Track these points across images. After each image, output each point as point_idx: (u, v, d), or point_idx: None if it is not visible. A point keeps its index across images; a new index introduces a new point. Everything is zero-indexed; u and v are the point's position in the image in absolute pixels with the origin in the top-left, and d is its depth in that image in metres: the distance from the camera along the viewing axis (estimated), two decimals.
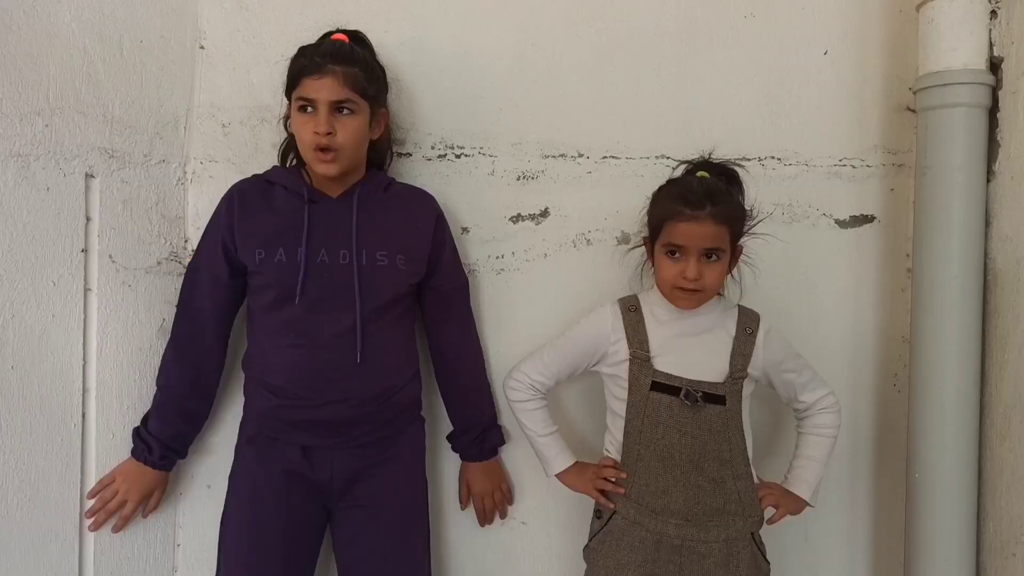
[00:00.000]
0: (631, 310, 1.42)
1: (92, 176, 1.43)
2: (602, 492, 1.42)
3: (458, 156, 1.65)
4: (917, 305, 1.51)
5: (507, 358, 1.65)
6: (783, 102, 1.67)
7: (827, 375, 1.51)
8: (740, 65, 1.66)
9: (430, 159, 1.65)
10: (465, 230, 1.66)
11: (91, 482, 1.46)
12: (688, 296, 1.35)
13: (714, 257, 1.33)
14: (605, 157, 1.66)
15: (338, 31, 1.44)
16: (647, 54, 1.66)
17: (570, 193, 1.66)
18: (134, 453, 1.48)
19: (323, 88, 1.35)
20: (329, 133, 1.35)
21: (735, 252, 1.38)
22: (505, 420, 1.66)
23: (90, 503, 1.45)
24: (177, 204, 1.60)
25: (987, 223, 1.46)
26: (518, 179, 1.66)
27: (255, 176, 1.49)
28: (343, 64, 1.36)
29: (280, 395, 1.41)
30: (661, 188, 1.41)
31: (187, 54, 1.60)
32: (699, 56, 1.66)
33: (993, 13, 1.44)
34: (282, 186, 1.45)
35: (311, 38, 1.46)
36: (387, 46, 1.58)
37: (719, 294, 1.44)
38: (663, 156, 1.66)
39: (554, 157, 1.66)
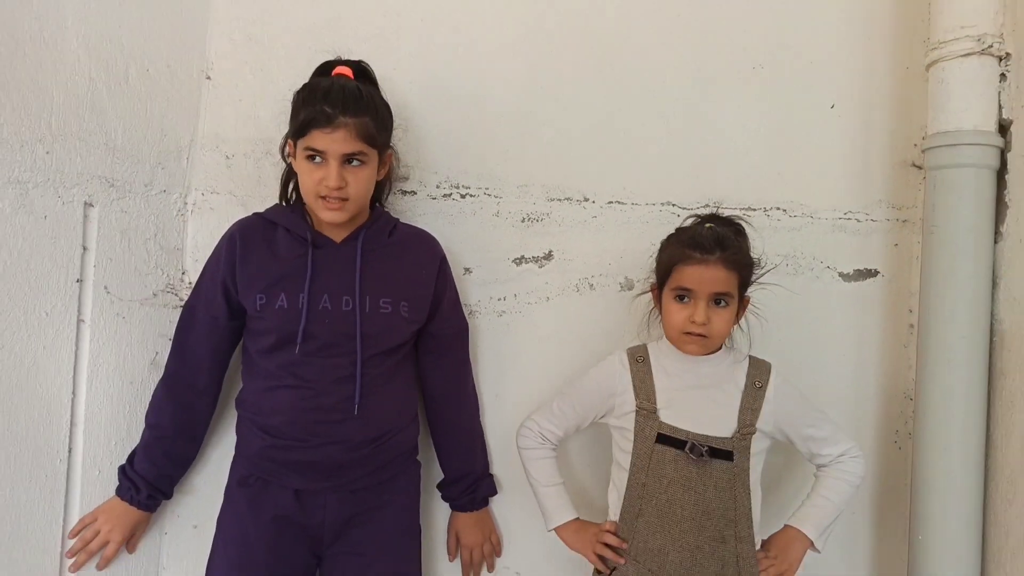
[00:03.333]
0: (639, 361, 1.41)
1: (91, 205, 1.41)
2: (600, 556, 1.38)
3: (463, 196, 1.64)
4: (922, 363, 1.50)
5: (504, 404, 1.64)
6: (789, 153, 1.67)
7: None
8: (747, 115, 1.67)
9: (435, 198, 1.63)
10: (467, 270, 1.64)
11: (74, 519, 1.41)
12: (696, 341, 1.34)
13: (723, 303, 1.33)
14: (611, 202, 1.65)
15: (340, 62, 1.41)
16: (656, 101, 1.66)
17: (574, 237, 1.65)
18: (119, 492, 1.44)
19: (335, 142, 1.31)
20: (340, 187, 1.32)
21: (743, 302, 1.38)
22: (497, 469, 1.63)
23: (71, 542, 1.40)
24: (176, 235, 1.57)
25: (994, 284, 1.45)
26: (523, 221, 1.64)
27: (256, 215, 1.46)
28: (354, 115, 1.31)
29: (275, 435, 1.37)
30: (670, 235, 1.42)
31: (193, 84, 1.59)
32: (707, 104, 1.66)
33: (1003, 76, 1.45)
34: (284, 228, 1.42)
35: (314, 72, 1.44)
36: (395, 83, 1.57)
37: (727, 345, 1.43)
38: (669, 203, 1.66)
39: (559, 200, 1.65)
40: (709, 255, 1.31)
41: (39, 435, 1.34)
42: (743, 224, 1.42)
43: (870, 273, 1.67)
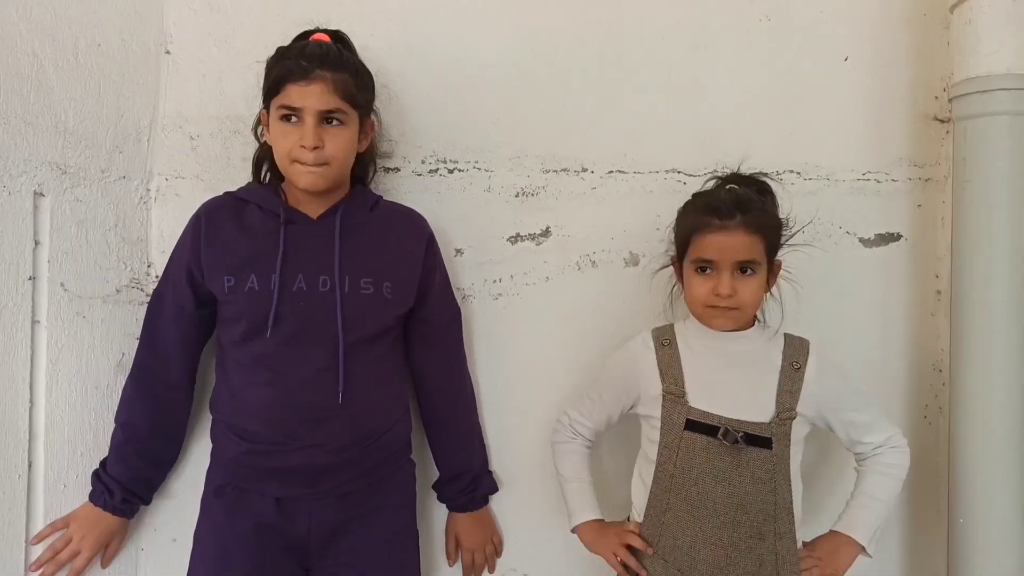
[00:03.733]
0: (664, 343, 1.29)
1: (42, 195, 1.28)
2: (624, 564, 1.28)
3: (451, 171, 1.51)
4: (957, 332, 1.38)
5: (503, 394, 1.53)
6: (801, 112, 1.55)
7: None
8: (755, 73, 1.54)
9: (420, 174, 1.51)
10: (459, 252, 1.51)
11: None
12: (723, 313, 1.23)
13: (749, 271, 1.21)
14: (611, 172, 1.53)
15: (318, 31, 1.30)
16: (656, 61, 1.54)
17: (573, 211, 1.52)
18: (92, 497, 1.33)
19: (311, 96, 1.21)
20: (317, 147, 1.21)
21: (773, 267, 1.26)
22: (495, 465, 1.51)
23: (37, 552, 1.28)
24: (139, 225, 1.44)
25: None
26: (517, 196, 1.52)
27: (227, 194, 1.34)
28: (332, 70, 1.22)
29: (250, 440, 1.25)
30: (687, 202, 1.30)
31: (151, 60, 1.45)
32: (711, 63, 1.54)
33: None
34: (256, 205, 1.30)
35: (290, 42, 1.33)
36: (374, 51, 1.44)
37: (758, 319, 1.31)
38: (674, 170, 1.54)
39: (556, 172, 1.53)
40: (729, 220, 1.19)
41: None
42: (768, 181, 1.30)
43: (893, 237, 1.56)
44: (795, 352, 1.26)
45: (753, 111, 1.54)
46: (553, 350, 1.52)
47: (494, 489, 1.49)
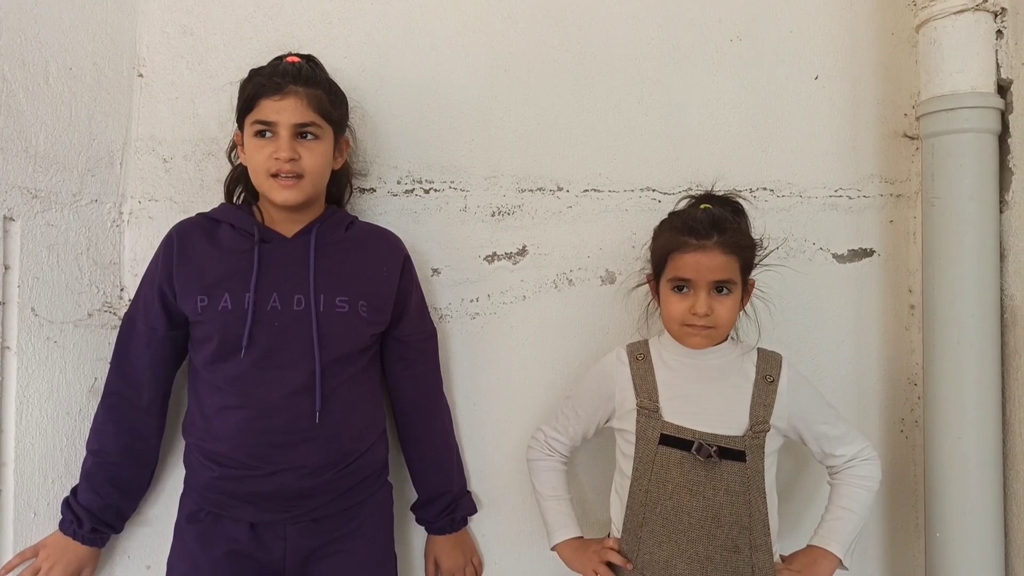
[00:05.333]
0: (639, 358, 1.30)
1: (11, 219, 1.27)
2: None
3: (427, 191, 1.51)
4: (929, 346, 1.39)
5: (481, 414, 1.52)
6: (773, 130, 1.57)
7: None
8: (727, 91, 1.56)
9: (396, 194, 1.51)
10: (436, 271, 1.51)
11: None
12: (699, 333, 1.24)
13: (725, 290, 1.23)
14: (586, 190, 1.54)
15: (290, 55, 1.30)
16: (629, 80, 1.55)
17: (549, 229, 1.53)
18: (61, 526, 1.31)
19: (285, 110, 1.22)
20: (292, 159, 1.22)
21: (747, 286, 1.28)
22: (474, 486, 1.51)
23: None
24: (112, 248, 1.43)
25: (1002, 256, 1.35)
26: (493, 215, 1.52)
27: (199, 215, 1.34)
28: (305, 85, 1.24)
29: (223, 464, 1.24)
30: (663, 221, 1.31)
31: (124, 82, 1.45)
32: (684, 82, 1.55)
33: (999, 32, 1.35)
34: (229, 224, 1.30)
35: (262, 64, 1.32)
36: (346, 73, 1.44)
37: (733, 337, 1.32)
38: (648, 188, 1.54)
39: (531, 191, 1.53)
40: (706, 240, 1.21)
41: None
42: (741, 201, 1.32)
43: (865, 253, 1.57)
44: (768, 365, 1.27)
45: (726, 129, 1.55)
46: (531, 368, 1.51)
47: (473, 510, 1.48)
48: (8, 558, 1.27)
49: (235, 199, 1.38)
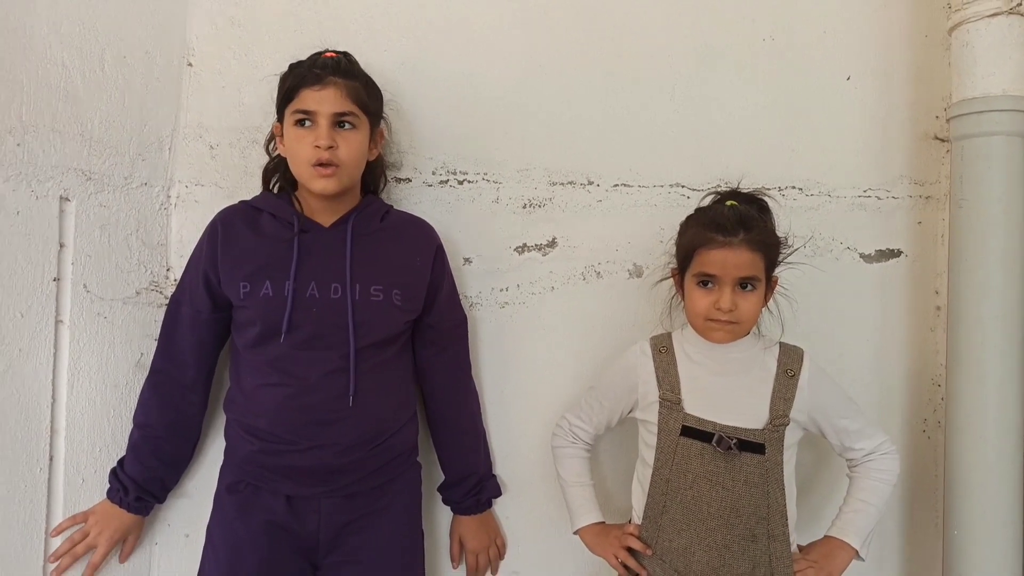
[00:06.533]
0: (662, 351, 1.33)
1: (67, 199, 1.33)
2: (624, 564, 1.31)
3: (460, 182, 1.56)
4: (953, 347, 1.41)
5: (508, 401, 1.56)
6: (804, 129, 1.58)
7: None
8: (758, 90, 1.58)
9: (431, 185, 1.55)
10: (467, 260, 1.56)
11: None
12: (722, 328, 1.26)
13: (749, 287, 1.24)
14: (616, 185, 1.57)
15: (327, 51, 1.35)
16: (661, 77, 1.57)
17: (579, 223, 1.56)
18: (109, 494, 1.37)
19: (325, 100, 1.27)
20: (331, 147, 1.27)
21: (770, 283, 1.30)
22: (500, 470, 1.55)
23: (56, 544, 1.33)
24: (159, 230, 1.50)
25: None
26: (524, 207, 1.56)
27: (242, 203, 1.39)
28: (344, 77, 1.30)
29: (263, 438, 1.30)
30: (690, 216, 1.33)
31: (174, 72, 1.51)
32: (715, 80, 1.58)
33: None
34: (270, 213, 1.35)
35: (305, 57, 1.38)
36: (385, 67, 1.49)
37: (755, 332, 1.34)
38: (678, 185, 1.57)
39: (562, 184, 1.57)
40: (732, 237, 1.22)
41: (17, 443, 1.27)
42: (767, 199, 1.34)
43: (893, 253, 1.59)
44: (790, 359, 1.29)
45: (756, 127, 1.57)
46: (558, 358, 1.55)
47: (498, 493, 1.52)
48: (58, 519, 1.34)
49: (271, 186, 1.43)
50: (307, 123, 1.28)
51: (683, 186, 1.57)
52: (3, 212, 1.24)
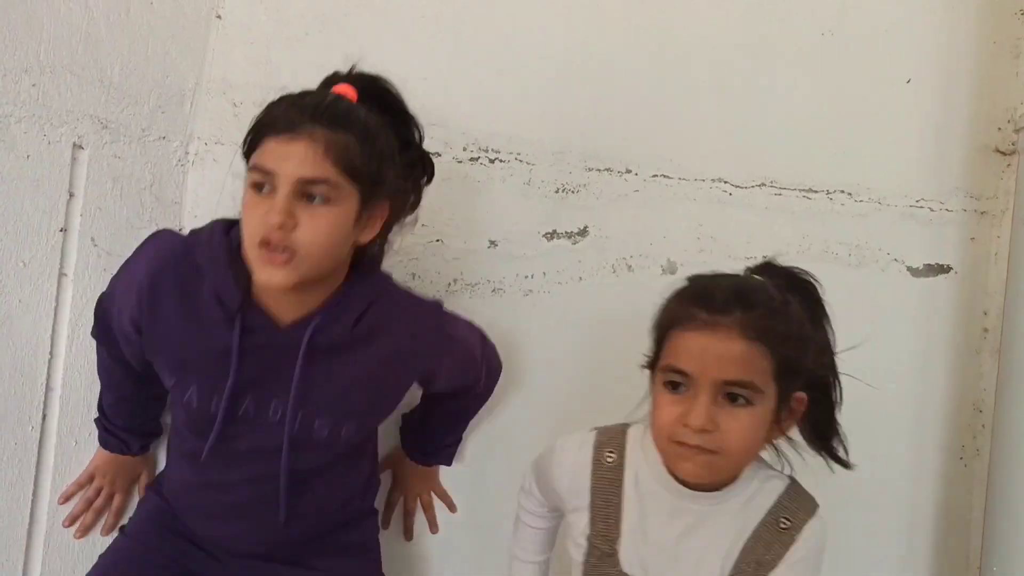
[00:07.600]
0: (607, 463, 0.96)
1: (81, 147, 1.27)
2: None
3: (492, 160, 1.48)
4: (1005, 372, 1.33)
5: (525, 390, 1.47)
6: (856, 131, 1.51)
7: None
8: (812, 86, 1.50)
9: (461, 161, 1.48)
10: (492, 243, 1.48)
11: (45, 492, 1.27)
12: (692, 456, 0.85)
13: (741, 399, 0.84)
14: (655, 175, 1.49)
15: (350, 75, 1.06)
16: (709, 67, 1.50)
17: (613, 212, 1.48)
18: (106, 445, 1.27)
19: (289, 157, 0.92)
20: (284, 225, 0.92)
21: (787, 404, 0.89)
22: (499, 469, 1.43)
23: (40, 520, 1.26)
24: (175, 188, 1.43)
25: None
26: (556, 192, 1.49)
27: (184, 246, 1.09)
28: (328, 125, 0.93)
29: (185, 515, 1.17)
30: (679, 287, 0.97)
31: (201, 22, 1.44)
32: (768, 74, 1.50)
33: None
34: (213, 291, 1.03)
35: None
36: (422, 36, 1.42)
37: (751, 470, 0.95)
38: (720, 180, 1.49)
39: (598, 171, 1.49)
40: (720, 315, 0.84)
41: (9, 399, 1.21)
42: (810, 281, 0.96)
43: (942, 269, 1.50)
44: (793, 507, 0.93)
45: (806, 126, 1.50)
46: (582, 352, 1.47)
47: (448, 463, 1.39)
48: (49, 483, 1.26)
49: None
50: (265, 188, 0.95)
51: (725, 181, 1.49)
52: (14, 154, 1.18)
